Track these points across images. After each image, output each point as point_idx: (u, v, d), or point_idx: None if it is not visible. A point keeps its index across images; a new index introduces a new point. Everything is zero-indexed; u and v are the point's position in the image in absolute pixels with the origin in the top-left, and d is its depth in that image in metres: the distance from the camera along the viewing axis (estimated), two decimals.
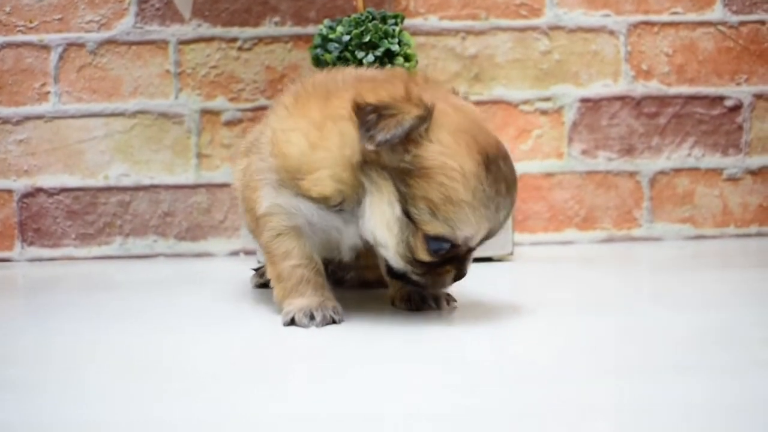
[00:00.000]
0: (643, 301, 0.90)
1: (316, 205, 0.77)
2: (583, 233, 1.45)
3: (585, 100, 1.44)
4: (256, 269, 1.04)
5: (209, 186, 1.41)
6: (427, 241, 0.72)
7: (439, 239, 0.72)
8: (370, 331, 0.74)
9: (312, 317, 0.76)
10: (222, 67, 1.40)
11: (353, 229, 0.77)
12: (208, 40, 1.40)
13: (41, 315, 0.89)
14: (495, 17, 1.43)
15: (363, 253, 0.83)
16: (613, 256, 1.28)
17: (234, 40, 1.40)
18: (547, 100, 1.44)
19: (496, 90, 1.43)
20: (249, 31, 1.41)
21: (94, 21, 1.40)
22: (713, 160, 1.46)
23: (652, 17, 1.45)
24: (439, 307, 0.82)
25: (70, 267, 1.32)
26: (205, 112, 1.40)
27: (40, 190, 1.40)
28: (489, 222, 0.72)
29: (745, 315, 0.78)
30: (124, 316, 0.88)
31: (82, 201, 1.40)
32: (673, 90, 1.45)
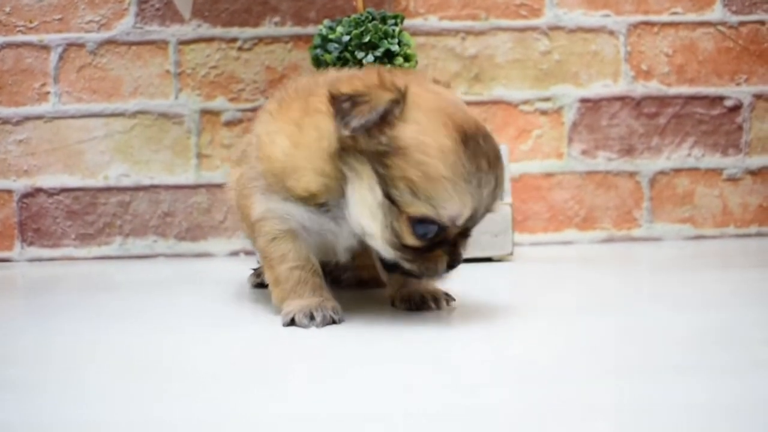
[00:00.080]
0: (643, 301, 0.90)
1: (306, 209, 0.77)
2: (583, 233, 1.45)
3: (585, 101, 1.44)
4: (255, 269, 1.04)
5: (209, 186, 1.41)
6: (412, 225, 0.71)
7: (424, 221, 0.71)
8: (370, 331, 0.74)
9: (312, 317, 0.76)
10: (222, 67, 1.40)
11: (347, 230, 0.77)
12: (208, 40, 1.40)
13: (41, 315, 0.89)
14: (495, 17, 1.43)
15: (359, 253, 0.84)
16: (613, 257, 1.28)
17: (234, 40, 1.40)
18: (547, 100, 1.44)
19: (496, 90, 1.43)
20: (249, 32, 1.41)
21: (94, 21, 1.40)
22: (713, 161, 1.47)
23: (652, 17, 1.45)
24: (438, 307, 0.83)
25: (70, 267, 1.32)
26: (205, 113, 1.41)
27: (40, 190, 1.40)
28: (472, 198, 0.70)
29: (745, 315, 0.78)
30: (124, 316, 0.88)
31: (82, 201, 1.40)
32: (673, 90, 1.45)
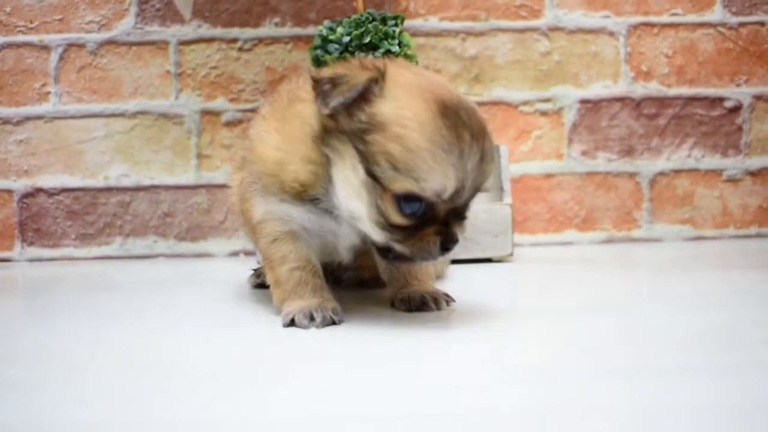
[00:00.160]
0: (643, 301, 0.90)
1: (305, 209, 0.78)
2: (583, 234, 1.45)
3: (585, 101, 1.44)
4: (255, 269, 1.05)
5: (209, 186, 1.41)
6: (397, 203, 0.70)
7: (410, 199, 0.70)
8: (370, 332, 0.74)
9: (312, 318, 0.76)
10: (222, 67, 1.40)
11: (347, 228, 0.78)
12: (209, 40, 1.40)
13: (41, 315, 0.89)
14: (495, 18, 1.43)
15: (361, 253, 0.84)
16: (613, 257, 1.28)
17: (234, 40, 1.41)
18: (547, 101, 1.44)
19: (496, 91, 1.43)
20: (249, 32, 1.41)
21: (94, 21, 1.40)
22: (713, 161, 1.47)
23: (652, 18, 1.45)
24: (438, 308, 0.83)
25: (70, 267, 1.32)
26: (205, 113, 1.41)
27: (40, 191, 1.40)
28: (455, 170, 0.69)
29: (745, 315, 0.78)
30: (124, 316, 0.88)
31: (82, 201, 1.40)
32: (673, 91, 1.45)
